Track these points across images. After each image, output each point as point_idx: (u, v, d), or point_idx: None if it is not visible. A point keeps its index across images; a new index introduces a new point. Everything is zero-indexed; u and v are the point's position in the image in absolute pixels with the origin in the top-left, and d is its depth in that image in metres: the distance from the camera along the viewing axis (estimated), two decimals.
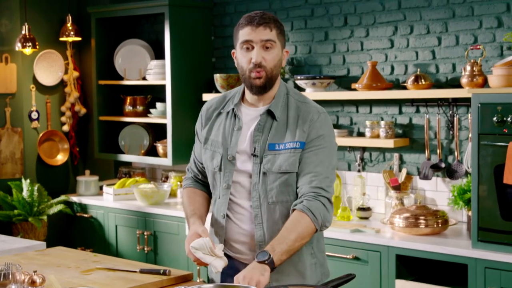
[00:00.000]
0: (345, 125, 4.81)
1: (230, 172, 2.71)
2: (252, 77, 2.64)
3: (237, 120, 2.73)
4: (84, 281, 2.75)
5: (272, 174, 2.64)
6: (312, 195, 2.60)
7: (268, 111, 2.68)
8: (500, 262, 3.55)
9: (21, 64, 5.80)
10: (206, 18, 5.44)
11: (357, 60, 4.74)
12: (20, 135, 5.81)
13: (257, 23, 2.61)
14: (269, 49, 2.63)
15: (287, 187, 2.65)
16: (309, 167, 2.63)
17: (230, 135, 2.73)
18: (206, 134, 2.80)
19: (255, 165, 2.66)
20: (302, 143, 2.64)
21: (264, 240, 2.66)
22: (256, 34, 2.61)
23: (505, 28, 4.13)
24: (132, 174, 5.86)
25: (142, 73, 5.62)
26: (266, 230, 2.66)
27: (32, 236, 5.48)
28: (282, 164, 2.63)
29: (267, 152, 2.65)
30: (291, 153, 2.64)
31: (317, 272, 2.75)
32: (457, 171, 4.31)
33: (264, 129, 2.68)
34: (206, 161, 2.79)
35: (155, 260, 5.09)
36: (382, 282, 3.96)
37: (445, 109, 4.37)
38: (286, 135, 2.65)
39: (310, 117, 2.66)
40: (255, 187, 2.66)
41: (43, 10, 5.91)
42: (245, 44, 2.63)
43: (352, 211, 4.59)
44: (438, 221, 4.04)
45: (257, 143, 2.67)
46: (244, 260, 2.73)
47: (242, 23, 2.65)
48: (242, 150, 2.70)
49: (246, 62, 2.64)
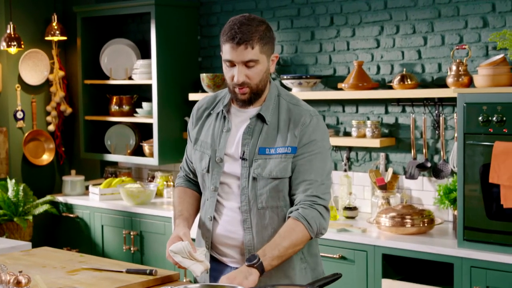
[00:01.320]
0: (331, 124, 4.82)
1: (218, 174, 2.67)
2: (237, 92, 2.59)
3: (226, 122, 2.68)
4: (70, 282, 2.74)
5: (263, 180, 2.59)
6: (308, 204, 2.57)
7: (258, 115, 2.63)
8: (486, 261, 3.57)
9: (6, 63, 5.77)
10: (192, 17, 5.43)
11: (343, 60, 4.75)
12: (5, 134, 5.77)
13: (237, 42, 2.51)
14: (251, 67, 2.55)
15: (278, 192, 2.61)
16: (304, 175, 2.58)
17: (219, 137, 2.69)
18: (196, 135, 2.78)
19: (244, 169, 2.62)
20: (293, 148, 2.59)
21: (253, 245, 2.63)
22: (237, 55, 2.52)
23: (490, 28, 4.15)
24: (118, 174, 5.84)
25: (128, 73, 5.61)
26: (255, 235, 2.63)
27: (18, 236, 5.45)
28: (273, 169, 2.59)
29: (257, 156, 2.60)
30: (282, 158, 2.59)
31: (308, 276, 2.70)
32: (443, 171, 4.33)
33: (254, 132, 2.63)
34: (195, 162, 2.77)
35: (141, 260, 5.08)
36: (368, 282, 3.97)
37: (431, 108, 4.39)
38: (277, 140, 2.61)
39: (302, 120, 2.61)
40: (244, 191, 2.62)
41: (28, 9, 5.88)
42: (227, 62, 2.57)
43: (339, 211, 4.60)
44: (424, 220, 4.05)
45: (246, 146, 2.62)
46: (231, 262, 2.71)
47: (224, 38, 2.55)
48: (230, 153, 2.66)
49: (229, 77, 2.59)
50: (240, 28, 2.52)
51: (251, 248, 2.63)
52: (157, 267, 3.41)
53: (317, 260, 2.76)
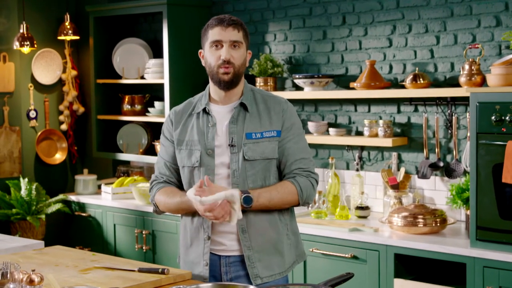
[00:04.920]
0: (343, 124, 4.81)
1: (211, 165, 2.85)
2: (221, 72, 2.83)
3: (210, 118, 2.89)
4: (83, 280, 2.75)
5: (254, 161, 2.83)
6: (304, 175, 2.88)
7: (241, 104, 2.87)
8: (499, 261, 3.56)
9: (19, 63, 5.79)
10: (204, 17, 5.43)
11: (356, 59, 4.74)
12: (18, 134, 5.80)
13: (227, 23, 2.81)
14: (236, 48, 2.83)
15: (267, 172, 2.86)
16: (295, 155, 2.88)
17: (205, 132, 2.88)
18: (179, 136, 2.94)
19: (233, 155, 2.84)
20: (278, 132, 2.87)
21: (246, 222, 2.83)
22: (226, 34, 2.81)
23: (503, 27, 4.13)
24: (130, 173, 5.86)
25: (140, 72, 5.62)
26: (247, 214, 2.81)
27: (30, 235, 5.48)
28: (264, 150, 2.84)
29: (245, 140, 2.84)
30: (270, 141, 2.86)
31: (292, 252, 2.95)
32: (456, 170, 4.31)
33: (238, 121, 2.87)
34: (182, 160, 2.92)
35: (153, 259, 5.09)
36: (380, 281, 3.96)
37: (443, 108, 4.37)
38: (261, 125, 2.86)
39: (280, 107, 2.90)
40: (235, 174, 2.83)
41: (41, 9, 5.91)
42: (215, 43, 2.83)
43: (351, 210, 4.59)
44: (437, 220, 4.04)
45: (233, 134, 2.85)
46: (225, 252, 2.88)
47: (212, 24, 2.85)
48: (219, 144, 2.86)
49: (215, 59, 2.83)
50: (226, 16, 2.86)
51: (244, 226, 2.83)
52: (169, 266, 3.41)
53: (298, 239, 3.02)
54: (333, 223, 4.30)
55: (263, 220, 2.85)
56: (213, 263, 2.89)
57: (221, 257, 2.88)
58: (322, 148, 4.92)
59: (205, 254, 2.87)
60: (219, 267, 2.89)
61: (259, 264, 2.84)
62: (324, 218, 4.47)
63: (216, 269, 2.89)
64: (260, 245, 2.85)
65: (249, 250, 2.84)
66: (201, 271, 2.89)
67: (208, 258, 2.87)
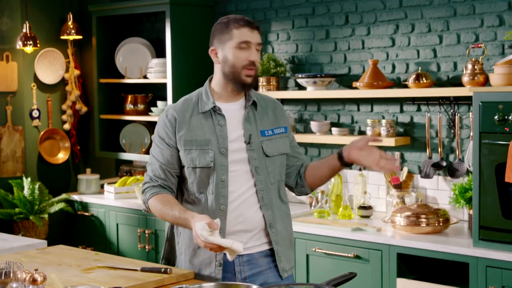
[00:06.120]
0: (346, 123, 4.81)
1: (224, 164, 2.82)
2: (244, 74, 2.82)
3: (219, 116, 2.86)
4: (85, 280, 2.75)
5: (273, 157, 2.89)
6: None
7: (253, 102, 2.90)
8: (502, 260, 3.55)
9: (22, 62, 5.80)
10: (207, 16, 5.43)
11: (358, 59, 4.74)
12: (21, 133, 5.81)
13: (255, 26, 2.84)
14: (258, 51, 2.86)
15: (282, 167, 2.95)
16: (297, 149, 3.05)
17: (217, 131, 2.84)
18: (186, 136, 2.84)
19: (251, 152, 2.85)
20: (285, 128, 2.98)
21: (273, 217, 2.87)
22: (254, 36, 2.83)
23: (506, 27, 4.12)
24: (133, 172, 5.86)
25: (143, 72, 5.62)
26: (271, 209, 2.87)
27: (33, 234, 5.48)
28: (279, 146, 2.92)
29: (261, 138, 2.88)
30: (281, 137, 2.94)
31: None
32: (458, 170, 4.31)
33: (251, 119, 2.89)
34: (193, 161, 2.82)
35: (156, 259, 5.09)
36: (383, 281, 3.96)
37: (446, 107, 4.37)
38: (270, 122, 2.93)
39: (279, 106, 3.02)
40: (257, 170, 2.85)
41: (44, 8, 5.91)
42: (244, 43, 2.81)
43: (353, 210, 4.59)
44: (439, 219, 4.04)
45: (250, 131, 2.86)
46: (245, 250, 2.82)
47: (239, 23, 2.81)
48: (232, 142, 2.84)
49: (241, 60, 2.81)
50: (249, 19, 2.87)
51: (271, 221, 2.86)
52: None
53: None
54: (335, 222, 4.30)
55: (283, 215, 2.93)
56: (226, 263, 2.83)
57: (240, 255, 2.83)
58: (324, 148, 4.91)
59: (218, 255, 2.80)
60: (233, 267, 2.84)
61: (283, 258, 2.90)
62: (326, 217, 4.47)
63: (229, 269, 2.84)
64: (283, 239, 2.91)
65: (277, 245, 2.88)
66: (212, 271, 2.83)
67: (222, 258, 2.81)
